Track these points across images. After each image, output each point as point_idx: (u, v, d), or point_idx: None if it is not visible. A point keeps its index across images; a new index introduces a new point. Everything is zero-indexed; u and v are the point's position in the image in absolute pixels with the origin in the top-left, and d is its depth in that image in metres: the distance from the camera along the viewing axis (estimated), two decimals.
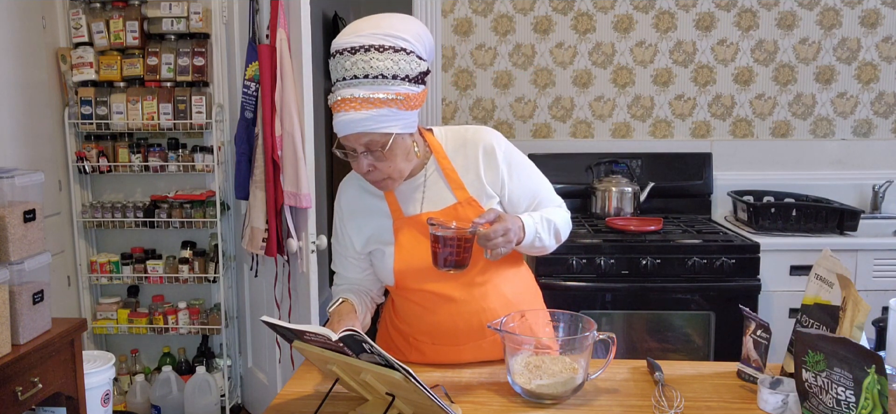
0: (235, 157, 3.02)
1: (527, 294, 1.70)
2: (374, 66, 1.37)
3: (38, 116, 3.01)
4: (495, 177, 1.56)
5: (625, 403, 1.44)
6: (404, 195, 1.57)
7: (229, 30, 3.18)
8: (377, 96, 1.37)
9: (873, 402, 1.15)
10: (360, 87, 1.37)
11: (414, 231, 1.55)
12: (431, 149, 1.58)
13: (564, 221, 1.63)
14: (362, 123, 1.38)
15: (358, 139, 1.41)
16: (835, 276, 1.40)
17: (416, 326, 1.65)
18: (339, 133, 1.42)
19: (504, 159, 1.57)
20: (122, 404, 3.22)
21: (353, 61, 1.38)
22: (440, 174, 1.57)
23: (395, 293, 1.67)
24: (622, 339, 2.77)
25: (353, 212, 1.61)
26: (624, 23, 3.32)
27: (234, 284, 3.43)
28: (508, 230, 1.43)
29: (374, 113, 1.38)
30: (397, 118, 1.41)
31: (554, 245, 1.61)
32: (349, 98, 1.38)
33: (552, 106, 3.40)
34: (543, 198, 1.63)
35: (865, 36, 3.26)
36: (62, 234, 3.18)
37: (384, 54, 1.38)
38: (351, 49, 1.38)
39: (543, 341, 1.53)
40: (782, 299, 2.79)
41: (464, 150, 1.57)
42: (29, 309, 1.90)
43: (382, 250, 1.57)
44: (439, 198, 1.56)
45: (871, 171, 3.29)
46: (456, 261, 1.42)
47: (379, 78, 1.38)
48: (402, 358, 1.67)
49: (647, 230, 2.85)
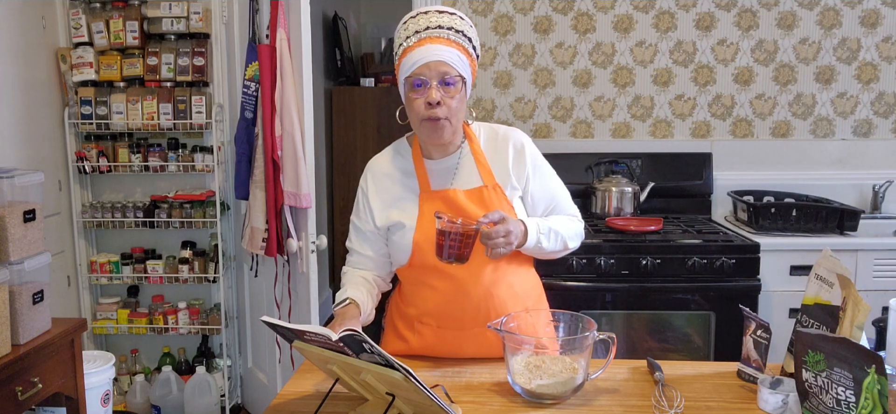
0: (235, 157, 3.02)
1: (533, 293, 1.75)
2: (457, 25, 1.58)
3: (38, 116, 3.01)
4: (521, 172, 1.66)
5: (625, 403, 1.44)
6: (435, 172, 1.66)
7: (229, 30, 3.18)
8: (460, 43, 1.57)
9: (873, 402, 1.15)
10: (446, 32, 1.55)
11: (439, 203, 1.62)
12: (467, 136, 1.69)
13: (575, 233, 1.71)
14: (448, 55, 1.54)
15: (438, 67, 1.54)
16: (835, 276, 1.40)
17: (422, 307, 1.69)
18: (422, 61, 1.53)
19: (531, 159, 1.68)
20: (122, 404, 3.22)
21: (439, 18, 1.57)
22: (471, 159, 1.67)
23: (405, 274, 1.71)
24: (622, 339, 2.77)
25: (381, 185, 1.69)
26: (624, 23, 3.32)
27: (234, 284, 3.43)
28: (510, 232, 1.50)
29: (457, 53, 1.55)
30: (467, 73, 1.58)
31: (559, 253, 1.69)
32: (436, 36, 1.54)
33: (552, 106, 3.40)
34: (560, 204, 1.73)
35: (865, 36, 3.26)
36: (62, 234, 3.18)
37: (464, 22, 1.59)
38: (437, 10, 1.58)
39: (542, 341, 1.54)
40: (782, 299, 2.79)
41: (495, 142, 1.68)
42: (29, 309, 1.90)
43: (403, 224, 1.63)
44: (468, 179, 1.65)
45: (871, 171, 3.29)
46: (457, 254, 1.48)
47: (461, 34, 1.57)
48: (404, 344, 1.72)
49: (648, 230, 2.85)
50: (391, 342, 1.76)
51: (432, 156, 1.67)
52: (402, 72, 1.59)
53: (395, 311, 1.78)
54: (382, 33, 5.56)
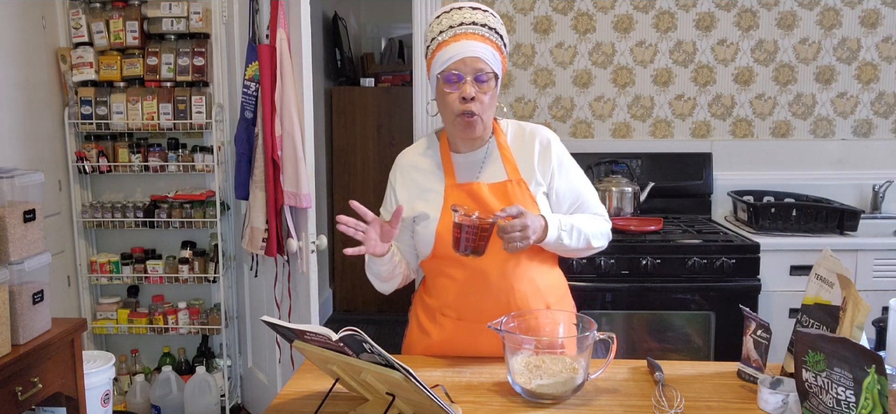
0: (235, 157, 3.02)
1: (556, 290, 1.76)
2: (491, 22, 1.62)
3: (38, 116, 3.01)
4: (547, 169, 1.69)
5: (625, 403, 1.44)
6: (462, 166, 1.70)
7: (229, 30, 3.18)
8: (493, 40, 1.60)
9: (873, 402, 1.15)
10: (480, 29, 1.59)
11: (463, 196, 1.65)
12: (494, 131, 1.72)
13: (600, 232, 1.72)
14: (483, 51, 1.58)
15: (473, 63, 1.57)
16: (835, 276, 1.40)
17: (444, 299, 1.71)
18: (457, 56, 1.57)
19: (557, 156, 1.70)
20: (122, 404, 3.22)
21: (473, 14, 1.60)
22: (498, 153, 1.70)
23: (428, 266, 1.73)
24: (622, 339, 2.77)
25: (408, 177, 1.73)
26: (624, 23, 3.32)
27: (234, 284, 3.43)
28: (527, 227, 1.52)
29: (491, 49, 1.59)
30: (499, 70, 1.63)
31: (583, 251, 1.71)
32: (472, 32, 1.58)
33: (552, 106, 3.40)
34: (586, 202, 1.74)
35: (865, 36, 3.26)
36: (62, 234, 3.18)
37: (496, 20, 1.63)
38: (471, 6, 1.62)
39: (557, 340, 1.54)
40: (782, 299, 2.79)
41: (522, 139, 1.71)
42: (29, 309, 1.90)
43: (427, 215, 1.67)
44: (493, 173, 1.68)
45: (871, 171, 3.29)
46: (473, 247, 1.51)
47: (494, 31, 1.61)
48: (426, 337, 1.74)
49: (648, 230, 2.86)
50: (414, 335, 1.78)
51: (460, 150, 1.70)
52: (436, 66, 1.61)
53: (419, 303, 1.80)
54: (382, 33, 5.57)
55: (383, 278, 1.71)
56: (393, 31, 5.49)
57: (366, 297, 4.98)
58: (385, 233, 1.60)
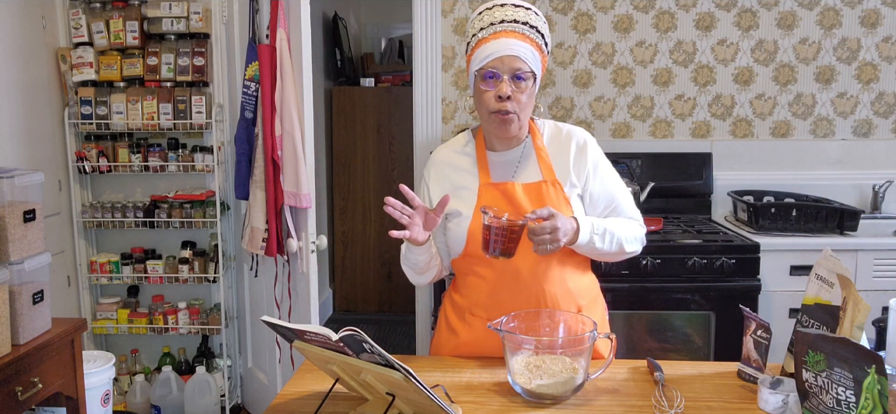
0: (235, 157, 3.02)
1: (587, 293, 1.74)
2: (532, 20, 1.60)
3: (38, 116, 3.01)
4: (582, 170, 1.68)
5: (625, 403, 1.44)
6: (497, 165, 1.69)
7: (229, 30, 3.18)
8: (533, 38, 1.59)
9: (873, 402, 1.15)
10: (521, 27, 1.58)
11: (497, 195, 1.64)
12: (531, 131, 1.71)
13: (634, 237, 1.70)
14: (521, 50, 1.57)
15: (511, 62, 1.56)
16: (835, 276, 1.40)
17: (474, 298, 1.69)
18: (495, 54, 1.56)
19: (592, 158, 1.70)
20: (122, 404, 3.22)
21: (515, 12, 1.59)
22: (534, 153, 1.69)
23: (460, 264, 1.72)
24: (622, 339, 2.77)
25: (442, 174, 1.73)
26: (624, 23, 3.32)
27: (234, 284, 3.43)
28: (557, 229, 1.50)
29: (530, 48, 1.58)
30: (538, 69, 1.61)
31: (616, 255, 1.69)
32: (512, 30, 1.57)
33: (552, 106, 3.40)
34: (621, 206, 1.73)
35: (865, 36, 3.26)
36: (62, 234, 3.18)
37: (538, 18, 1.62)
38: (513, 4, 1.61)
39: (557, 340, 1.53)
40: (782, 299, 2.79)
41: (558, 139, 1.71)
42: (29, 309, 1.90)
43: (460, 212, 1.66)
44: (529, 173, 1.68)
45: (871, 171, 3.29)
46: (502, 249, 1.50)
47: (534, 29, 1.60)
48: (455, 337, 1.73)
49: (648, 230, 2.84)
50: (443, 335, 1.77)
51: (495, 148, 1.70)
52: (474, 63, 1.60)
53: (449, 303, 1.79)
54: (382, 33, 5.57)
55: (419, 270, 1.70)
56: (393, 31, 5.49)
57: (366, 297, 4.98)
58: (429, 221, 1.60)
